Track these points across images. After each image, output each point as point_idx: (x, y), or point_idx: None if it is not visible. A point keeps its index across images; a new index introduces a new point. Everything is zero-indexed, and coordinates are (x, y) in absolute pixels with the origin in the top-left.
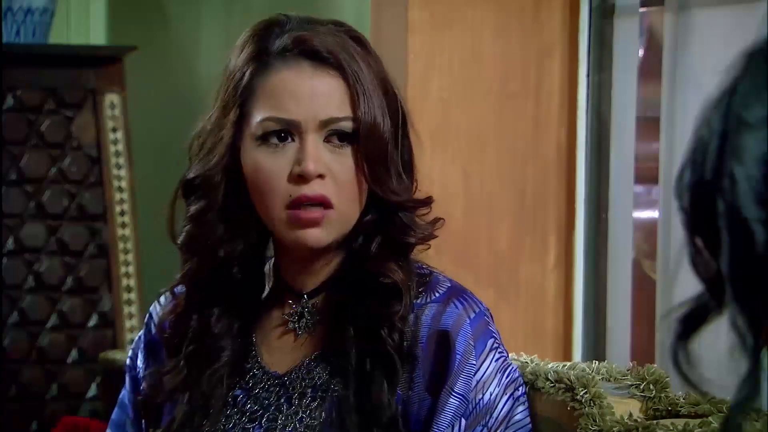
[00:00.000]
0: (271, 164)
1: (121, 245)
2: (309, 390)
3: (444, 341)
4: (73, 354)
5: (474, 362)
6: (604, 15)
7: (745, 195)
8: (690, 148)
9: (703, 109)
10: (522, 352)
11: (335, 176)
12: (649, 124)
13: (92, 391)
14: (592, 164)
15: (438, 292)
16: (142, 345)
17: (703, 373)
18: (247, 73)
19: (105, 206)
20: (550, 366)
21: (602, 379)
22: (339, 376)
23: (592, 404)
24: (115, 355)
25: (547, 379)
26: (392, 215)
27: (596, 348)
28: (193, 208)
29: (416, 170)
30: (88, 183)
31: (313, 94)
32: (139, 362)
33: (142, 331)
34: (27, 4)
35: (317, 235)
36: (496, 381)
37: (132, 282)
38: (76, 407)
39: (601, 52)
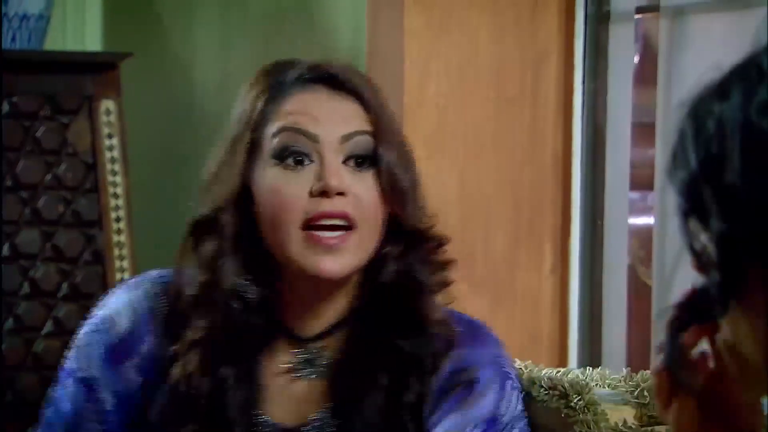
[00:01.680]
0: (288, 184)
1: (116, 251)
2: None
3: (466, 379)
4: None
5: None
6: (599, 21)
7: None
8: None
9: (696, 98)
10: (516, 359)
11: (357, 196)
12: (644, 131)
13: None
14: (588, 170)
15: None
16: (102, 353)
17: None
18: (261, 103)
19: (100, 212)
20: (544, 372)
21: (596, 385)
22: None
23: (586, 411)
24: None
25: (541, 387)
26: (413, 248)
27: (592, 354)
28: (205, 252)
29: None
30: (83, 189)
31: (332, 114)
32: (96, 371)
33: (94, 332)
34: (23, 11)
35: (338, 262)
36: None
37: None
38: None
39: (597, 59)
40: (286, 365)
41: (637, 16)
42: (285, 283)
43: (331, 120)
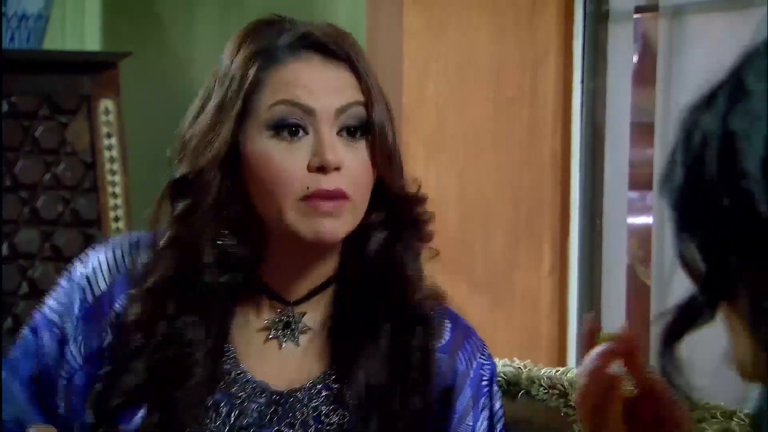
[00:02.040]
0: (284, 156)
1: None
2: (312, 420)
3: (447, 398)
4: None
5: (470, 423)
6: (598, 21)
7: (760, 188)
8: (678, 148)
9: (687, 110)
10: (516, 358)
11: (350, 169)
12: (643, 130)
13: None
14: (587, 170)
15: (444, 335)
16: (77, 311)
17: (690, 378)
18: (253, 68)
19: (99, 212)
20: (543, 372)
21: None
22: (352, 410)
23: None
24: None
25: (541, 386)
26: (398, 213)
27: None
28: (179, 208)
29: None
30: (82, 189)
31: (326, 85)
32: (70, 326)
33: (72, 289)
34: (21, 10)
35: (334, 226)
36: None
37: None
38: None
39: (596, 58)
40: (264, 324)
41: (636, 16)
42: (271, 245)
43: (326, 92)
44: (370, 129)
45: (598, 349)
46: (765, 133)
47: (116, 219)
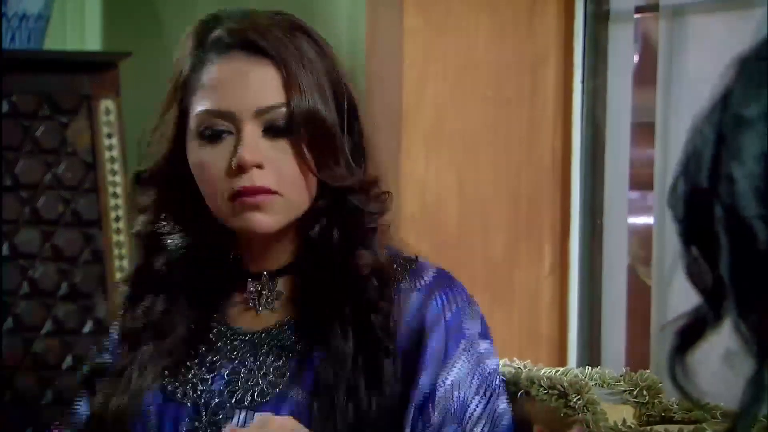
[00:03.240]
0: (210, 159)
1: (116, 251)
2: (276, 349)
3: (419, 338)
4: (68, 360)
5: (445, 361)
6: (598, 21)
7: (745, 193)
8: (682, 158)
9: (694, 120)
10: (516, 358)
11: (276, 166)
12: (644, 130)
13: None
14: (587, 170)
15: (423, 279)
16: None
17: (699, 384)
18: (185, 69)
19: (100, 212)
20: (543, 372)
21: (595, 384)
22: (315, 343)
23: (585, 410)
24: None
25: (541, 386)
26: (343, 199)
27: (591, 354)
28: (141, 199)
29: (372, 152)
30: (82, 189)
31: (247, 84)
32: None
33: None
34: (22, 11)
35: (263, 220)
36: (467, 382)
37: None
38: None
39: (596, 58)
40: (243, 297)
41: (636, 16)
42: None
43: (246, 92)
44: (293, 129)
45: None
46: (752, 140)
47: (117, 219)
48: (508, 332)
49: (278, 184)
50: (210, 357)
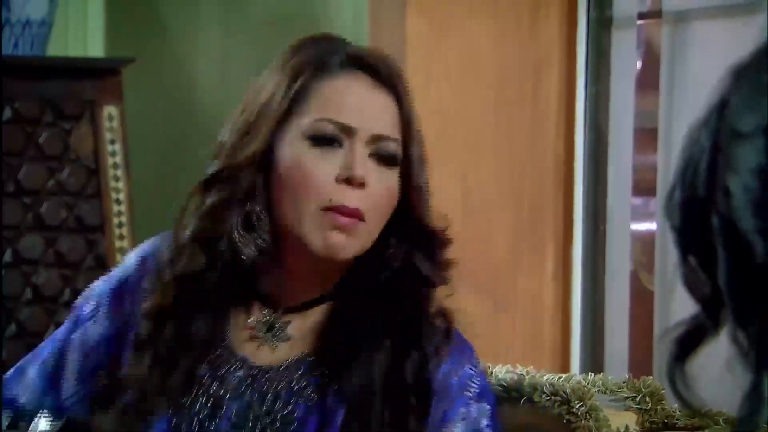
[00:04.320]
0: (315, 164)
1: (118, 257)
2: (285, 394)
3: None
4: None
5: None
6: (601, 26)
7: (741, 206)
8: (679, 167)
9: (690, 129)
10: (518, 364)
11: (373, 190)
12: (646, 136)
13: None
14: (590, 175)
15: (445, 360)
16: (107, 293)
17: (699, 393)
18: (303, 76)
19: (103, 218)
20: (546, 378)
21: (598, 391)
22: (336, 392)
23: (588, 417)
24: None
25: (543, 392)
26: (421, 243)
27: (594, 359)
28: (209, 202)
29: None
30: (85, 195)
31: (371, 106)
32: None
33: (106, 285)
34: (25, 17)
35: (347, 243)
36: None
37: None
38: None
39: (599, 64)
40: (249, 324)
41: (639, 22)
42: (280, 251)
43: (369, 114)
44: (407, 163)
45: None
46: (749, 154)
47: (120, 225)
48: (510, 337)
49: (369, 209)
50: (215, 387)
